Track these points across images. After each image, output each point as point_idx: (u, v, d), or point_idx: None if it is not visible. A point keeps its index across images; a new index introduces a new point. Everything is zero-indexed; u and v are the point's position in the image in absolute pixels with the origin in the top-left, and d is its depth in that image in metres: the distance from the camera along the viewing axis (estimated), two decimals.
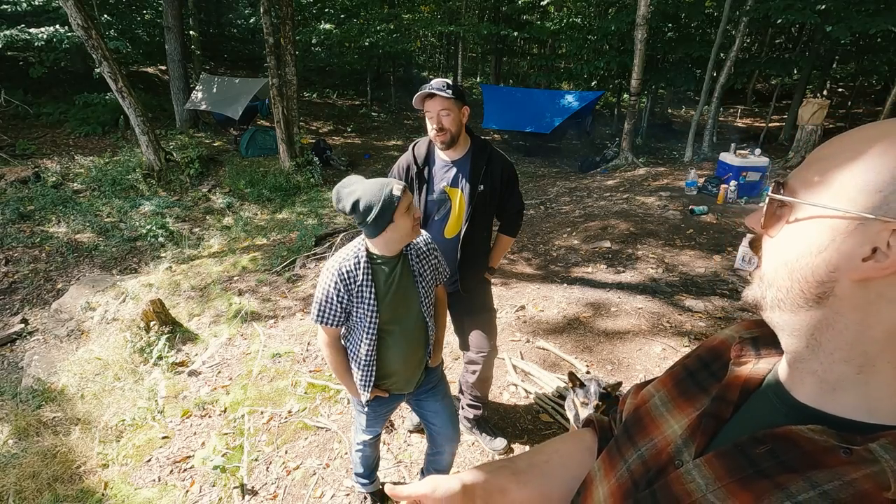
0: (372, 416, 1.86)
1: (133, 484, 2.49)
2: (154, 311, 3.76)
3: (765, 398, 0.55)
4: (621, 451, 0.64)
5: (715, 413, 0.56)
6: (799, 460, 0.46)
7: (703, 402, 0.59)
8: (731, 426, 0.55)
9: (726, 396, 0.57)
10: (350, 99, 18.27)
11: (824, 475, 0.44)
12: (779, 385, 0.53)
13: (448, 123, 1.90)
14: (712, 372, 0.63)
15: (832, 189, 0.44)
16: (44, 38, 9.52)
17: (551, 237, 5.79)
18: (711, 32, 12.75)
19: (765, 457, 0.48)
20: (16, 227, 6.28)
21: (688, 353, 0.73)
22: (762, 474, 0.47)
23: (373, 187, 1.46)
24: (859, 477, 0.42)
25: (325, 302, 1.56)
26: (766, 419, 0.52)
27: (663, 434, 0.60)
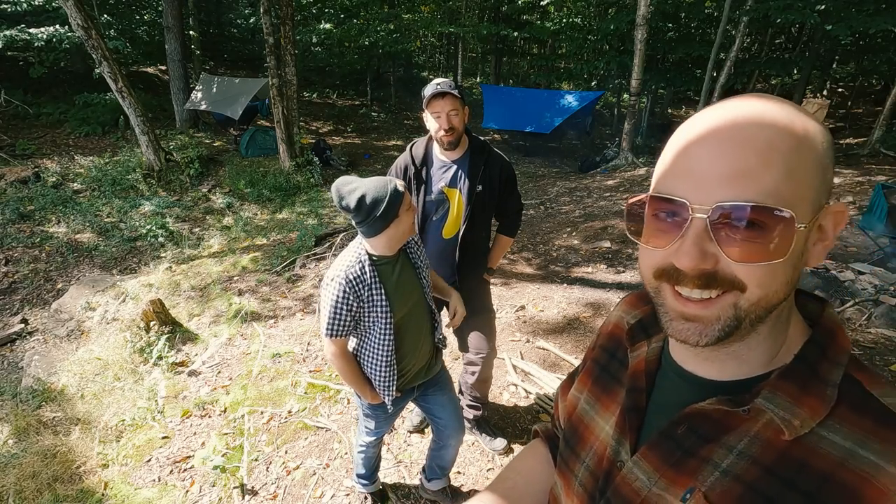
0: (383, 419, 1.84)
1: (133, 484, 2.49)
2: (154, 311, 3.76)
3: (668, 378, 0.59)
4: (570, 466, 0.67)
5: (633, 406, 0.59)
6: (713, 430, 0.50)
7: (620, 394, 0.63)
8: (651, 413, 0.59)
9: (637, 385, 0.60)
10: (350, 99, 18.27)
11: (734, 437, 0.49)
12: (677, 365, 0.57)
13: (457, 123, 1.89)
14: (619, 359, 0.67)
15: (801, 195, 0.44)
16: (44, 38, 9.51)
17: (551, 237, 5.80)
18: (711, 32, 12.76)
19: (686, 436, 0.52)
20: (16, 227, 6.28)
21: (592, 346, 0.76)
22: (689, 453, 0.51)
23: (377, 183, 1.45)
24: (759, 428, 0.48)
25: (337, 314, 1.50)
26: (676, 398, 0.56)
27: (598, 438, 0.63)
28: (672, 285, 0.48)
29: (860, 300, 3.72)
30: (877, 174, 8.46)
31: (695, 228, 0.44)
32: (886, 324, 3.42)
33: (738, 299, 0.45)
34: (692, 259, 0.44)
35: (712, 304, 0.46)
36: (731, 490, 0.47)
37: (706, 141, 0.45)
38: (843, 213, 0.47)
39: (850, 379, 0.47)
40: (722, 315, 0.46)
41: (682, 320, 0.48)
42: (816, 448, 0.45)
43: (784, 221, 0.42)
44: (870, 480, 0.42)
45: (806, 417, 0.45)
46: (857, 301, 3.71)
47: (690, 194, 0.44)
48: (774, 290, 0.45)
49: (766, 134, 0.43)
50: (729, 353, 0.51)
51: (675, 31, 13.45)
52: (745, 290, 0.45)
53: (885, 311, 3.51)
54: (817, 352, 0.49)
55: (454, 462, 2.08)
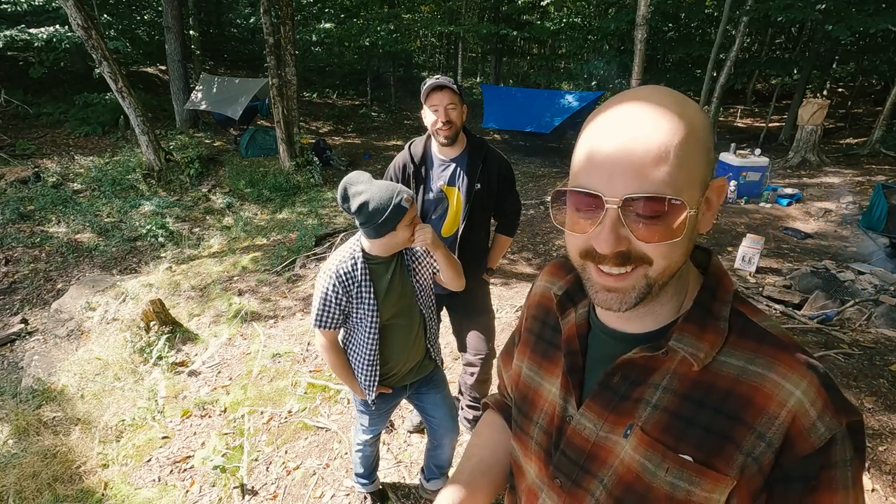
0: (375, 415, 1.86)
1: (133, 484, 2.49)
2: (154, 311, 3.76)
3: (598, 338, 0.68)
4: (525, 430, 0.74)
5: (572, 367, 0.67)
6: (640, 374, 0.60)
7: (560, 359, 0.70)
8: (589, 370, 0.67)
9: (572, 348, 0.68)
10: (350, 99, 18.26)
11: (658, 376, 0.59)
12: (603, 325, 0.66)
13: (455, 117, 1.90)
14: (551, 327, 0.75)
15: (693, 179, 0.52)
16: (44, 38, 9.50)
17: (551, 237, 5.80)
18: (711, 32, 12.76)
19: (620, 383, 0.62)
20: (16, 227, 6.28)
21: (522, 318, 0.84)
22: (625, 397, 0.61)
23: (383, 193, 1.44)
24: (675, 366, 0.58)
25: (325, 305, 1.55)
26: (607, 354, 0.64)
27: (547, 400, 0.71)
28: (595, 263, 0.56)
29: (860, 300, 3.72)
30: (877, 174, 8.46)
31: (609, 217, 0.52)
32: (886, 324, 3.41)
33: (647, 271, 0.54)
34: (609, 244, 0.52)
35: (628, 276, 0.55)
36: (661, 420, 0.57)
37: (614, 140, 0.52)
38: (723, 186, 0.58)
39: (736, 312, 0.59)
40: (636, 285, 0.55)
41: (605, 291, 0.56)
42: (718, 371, 0.56)
43: (678, 207, 0.51)
44: (759, 388, 0.53)
45: (708, 349, 0.56)
46: (857, 301, 3.71)
47: (604, 188, 0.52)
48: (675, 261, 0.55)
49: (660, 134, 0.50)
50: (646, 311, 0.61)
51: (675, 31, 13.45)
52: (653, 263, 0.54)
53: (885, 311, 3.51)
54: (709, 295, 0.60)
55: (451, 461, 2.08)
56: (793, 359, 0.54)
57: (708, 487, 0.53)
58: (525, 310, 0.84)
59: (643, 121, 0.51)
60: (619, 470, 0.60)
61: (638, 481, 0.57)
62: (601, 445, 0.62)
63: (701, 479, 0.54)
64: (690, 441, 0.55)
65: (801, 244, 5.45)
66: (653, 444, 0.57)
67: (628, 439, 0.59)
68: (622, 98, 0.55)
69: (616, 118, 0.53)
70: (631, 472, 0.58)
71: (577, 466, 0.64)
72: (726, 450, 0.53)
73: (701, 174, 0.53)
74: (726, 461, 0.53)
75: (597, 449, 0.62)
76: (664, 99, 0.53)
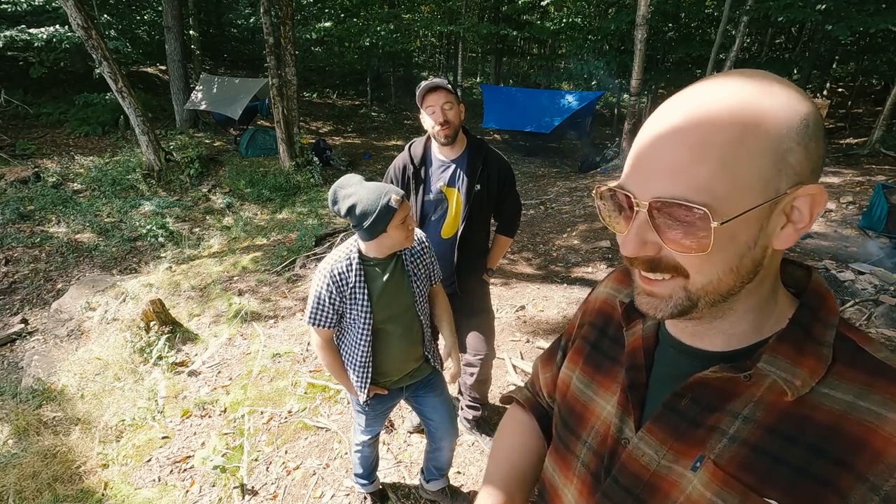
0: (371, 416, 1.86)
1: (133, 484, 2.49)
2: (154, 311, 3.76)
3: (667, 353, 0.60)
4: (570, 448, 0.67)
5: (634, 383, 0.60)
6: (716, 399, 0.52)
7: (619, 373, 0.63)
8: (652, 388, 0.59)
9: (636, 363, 0.61)
10: (350, 99, 18.27)
11: (740, 403, 0.51)
12: (675, 339, 0.59)
13: (452, 116, 1.90)
14: (611, 337, 0.68)
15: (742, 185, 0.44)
16: (44, 38, 9.51)
17: (551, 237, 5.80)
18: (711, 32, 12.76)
19: (690, 406, 0.54)
20: (16, 227, 6.28)
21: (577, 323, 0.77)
22: (695, 423, 0.53)
23: (370, 194, 1.43)
24: (762, 393, 0.50)
25: (318, 304, 1.56)
26: (676, 372, 0.57)
27: (600, 418, 0.64)
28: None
29: (860, 300, 3.72)
30: (877, 174, 8.46)
31: (639, 219, 0.48)
32: (886, 324, 3.41)
33: (685, 283, 0.49)
34: (631, 248, 0.48)
35: (664, 283, 0.50)
36: (739, 454, 0.49)
37: (652, 137, 0.47)
38: (818, 195, 0.46)
39: (843, 337, 0.50)
40: (674, 294, 0.50)
41: (644, 294, 0.52)
42: (818, 404, 0.47)
43: (700, 217, 0.44)
44: (874, 429, 0.43)
45: (806, 377, 0.47)
46: (857, 301, 3.71)
47: (636, 188, 0.48)
48: (717, 278, 0.48)
49: (700, 129, 0.44)
50: (712, 328, 0.54)
51: (675, 31, 13.45)
52: (688, 276, 0.48)
53: (885, 311, 3.51)
54: (809, 315, 0.51)
55: (451, 462, 2.08)
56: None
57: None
58: (580, 315, 0.77)
59: (688, 112, 0.45)
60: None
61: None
62: (663, 476, 0.54)
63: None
64: (778, 483, 0.46)
65: (801, 244, 5.46)
66: (730, 481, 0.48)
67: (697, 473, 0.51)
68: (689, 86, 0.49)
69: (664, 110, 0.48)
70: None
71: (631, 497, 0.57)
72: (826, 500, 0.44)
73: (764, 180, 0.44)
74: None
75: (657, 479, 0.54)
76: (732, 86, 0.45)
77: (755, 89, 0.45)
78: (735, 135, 0.43)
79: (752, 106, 0.44)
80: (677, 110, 0.46)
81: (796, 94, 0.45)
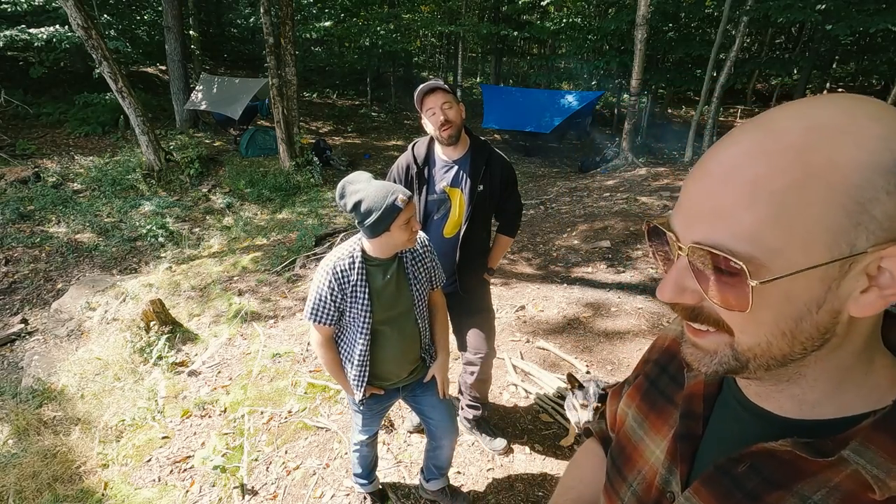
0: (368, 415, 1.86)
1: (133, 484, 2.49)
2: (154, 311, 3.76)
3: (729, 406, 0.53)
4: (615, 488, 0.63)
5: (688, 434, 0.54)
6: (782, 474, 0.44)
7: (673, 416, 0.58)
8: (707, 443, 0.53)
9: (693, 410, 0.55)
10: (350, 99, 18.27)
11: (810, 485, 0.43)
12: (741, 393, 0.52)
13: (452, 116, 1.90)
14: (671, 376, 0.62)
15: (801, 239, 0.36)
16: (44, 38, 9.51)
17: (551, 237, 5.80)
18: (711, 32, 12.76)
19: (748, 476, 0.46)
20: (16, 227, 6.28)
21: (644, 359, 0.71)
22: (751, 497, 0.46)
23: (377, 193, 1.44)
24: (842, 479, 0.41)
25: (319, 301, 1.56)
26: (737, 430, 0.51)
27: (648, 462, 0.59)
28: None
29: None
30: None
31: (679, 264, 0.42)
32: None
33: (731, 341, 0.43)
34: (668, 293, 0.43)
35: (707, 335, 0.44)
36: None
37: (701, 172, 0.41)
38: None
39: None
40: (719, 350, 0.44)
41: (689, 345, 0.47)
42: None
43: (738, 272, 0.38)
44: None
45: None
46: None
47: (679, 228, 0.42)
48: (766, 341, 0.41)
49: (754, 168, 0.37)
50: (778, 390, 0.47)
51: (675, 31, 13.46)
52: (733, 334, 0.42)
53: None
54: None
55: (451, 462, 2.08)
56: None
57: None
58: (648, 351, 0.72)
59: (745, 147, 0.38)
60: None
61: None
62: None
63: None
64: None
65: None
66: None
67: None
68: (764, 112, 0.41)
69: (725, 141, 0.41)
70: None
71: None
72: None
73: (830, 233, 0.36)
74: None
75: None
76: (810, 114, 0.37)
77: (839, 120, 0.36)
78: (796, 178, 0.36)
79: (825, 143, 0.35)
80: (735, 143, 0.39)
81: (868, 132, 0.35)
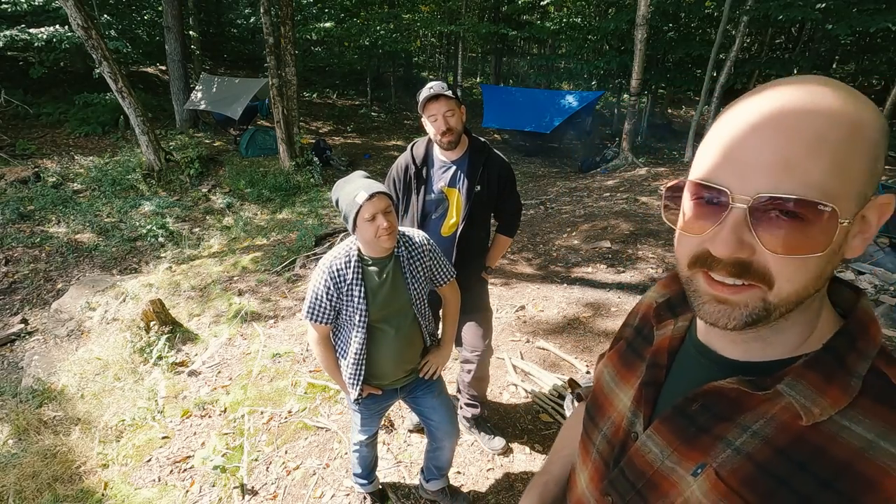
0: (366, 415, 1.86)
1: (133, 484, 2.49)
2: (154, 311, 3.76)
3: (689, 355, 0.60)
4: (589, 435, 0.69)
5: (651, 380, 0.61)
6: (728, 409, 0.51)
7: (641, 368, 0.64)
8: (668, 388, 0.60)
9: (657, 361, 0.61)
10: (350, 99, 18.26)
11: (751, 417, 0.50)
12: (700, 343, 0.58)
13: (454, 123, 1.91)
14: (644, 336, 0.68)
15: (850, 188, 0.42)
16: (44, 38, 9.51)
17: (551, 237, 5.79)
18: (711, 32, 12.76)
19: (700, 412, 0.53)
20: (16, 227, 6.28)
21: (625, 323, 0.77)
22: (702, 430, 0.52)
23: (350, 190, 1.50)
24: (777, 411, 0.48)
25: (316, 299, 1.59)
26: (694, 376, 0.57)
27: (617, 409, 0.65)
28: (706, 271, 0.48)
29: None
30: None
31: (734, 217, 0.44)
32: (886, 324, 3.41)
33: (765, 294, 0.46)
34: (729, 247, 0.44)
35: (742, 290, 0.46)
36: (743, 468, 0.48)
37: (753, 128, 0.44)
38: (889, 206, 0.46)
39: (877, 372, 0.47)
40: (750, 303, 0.46)
41: (715, 303, 0.48)
42: (836, 436, 0.45)
43: (827, 216, 0.42)
44: (890, 473, 0.42)
45: (826, 406, 0.46)
46: None
47: (732, 182, 0.44)
48: (804, 286, 0.45)
49: (816, 123, 0.41)
50: (757, 336, 0.51)
51: (675, 30, 13.44)
52: (773, 286, 0.45)
53: (885, 311, 3.51)
54: (847, 343, 0.48)
55: (451, 462, 2.08)
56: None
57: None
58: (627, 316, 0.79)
59: (797, 107, 0.42)
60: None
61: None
62: (664, 476, 0.55)
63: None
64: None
65: None
66: (730, 495, 0.48)
67: (697, 479, 0.51)
68: (770, 84, 0.46)
69: (761, 103, 0.44)
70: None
71: (634, 490, 0.58)
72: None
73: (861, 184, 0.43)
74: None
75: (658, 478, 0.55)
76: (826, 86, 0.44)
77: (849, 93, 0.43)
78: (847, 133, 0.41)
79: (853, 108, 0.42)
80: (782, 103, 0.43)
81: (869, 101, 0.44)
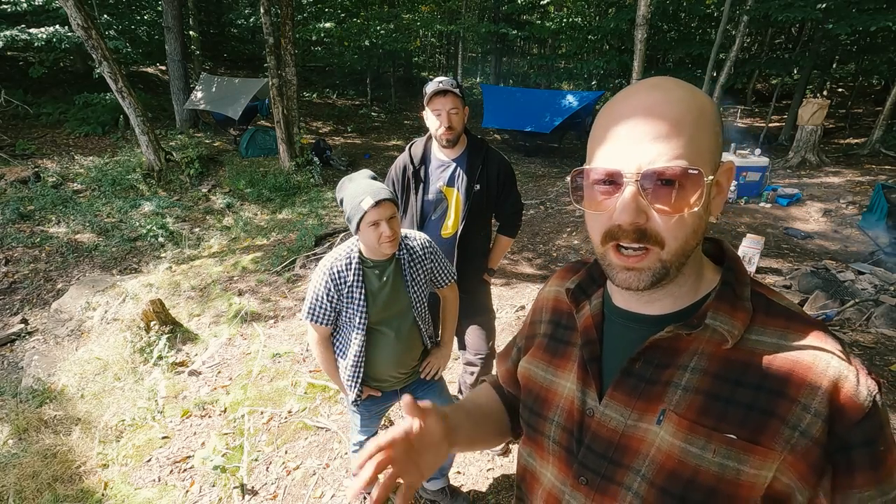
0: (366, 416, 1.86)
1: (133, 484, 2.49)
2: (154, 311, 3.76)
3: (615, 325, 0.67)
4: (539, 430, 0.72)
5: (591, 357, 0.67)
6: (666, 357, 0.60)
7: (573, 353, 0.70)
8: (606, 359, 0.67)
9: (590, 338, 0.68)
10: (350, 99, 18.25)
11: (686, 356, 0.59)
12: (621, 310, 0.67)
13: (456, 122, 1.91)
14: (564, 325, 0.75)
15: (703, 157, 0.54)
16: (44, 38, 9.50)
17: (552, 237, 5.79)
18: (711, 32, 12.76)
19: (644, 368, 0.61)
20: (16, 227, 6.27)
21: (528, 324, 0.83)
22: (652, 382, 0.60)
23: (354, 192, 1.49)
24: (703, 345, 0.59)
25: (316, 300, 1.59)
26: (627, 339, 0.64)
27: (562, 396, 0.70)
28: (615, 244, 0.57)
29: (860, 300, 3.72)
30: (877, 174, 8.45)
31: (629, 191, 0.54)
32: (886, 324, 3.41)
33: (660, 254, 0.56)
34: (630, 214, 0.54)
35: (644, 257, 0.56)
36: (695, 401, 0.57)
37: (629, 120, 0.55)
38: (732, 169, 0.59)
39: (756, 293, 0.61)
40: (651, 266, 0.56)
41: (625, 271, 0.58)
42: (753, 349, 0.57)
43: (695, 177, 0.53)
44: (797, 361, 0.54)
45: (739, 326, 0.57)
46: (857, 301, 3.71)
47: (623, 164, 0.54)
48: (686, 240, 0.56)
49: (675, 110, 0.53)
50: (665, 292, 0.62)
51: (675, 30, 13.44)
52: (664, 245, 0.55)
53: (885, 311, 3.50)
54: (732, 276, 0.61)
55: (451, 463, 2.08)
56: (822, 332, 0.57)
57: (756, 464, 0.53)
58: (531, 315, 0.84)
59: (657, 98, 0.54)
60: (657, 458, 0.58)
61: (682, 466, 0.56)
62: (631, 435, 0.60)
63: (749, 457, 0.54)
64: (732, 420, 0.55)
65: (801, 244, 5.45)
66: (693, 427, 0.56)
67: (662, 425, 0.58)
68: (632, 86, 0.58)
69: (629, 99, 0.56)
70: (672, 458, 0.57)
71: (606, 460, 0.62)
72: (771, 425, 0.53)
73: (711, 154, 0.56)
74: (772, 436, 0.53)
75: (626, 440, 0.61)
76: (673, 82, 0.57)
77: (692, 87, 0.57)
78: (697, 115, 0.54)
79: (696, 97, 0.55)
80: (643, 99, 0.55)
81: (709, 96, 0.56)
